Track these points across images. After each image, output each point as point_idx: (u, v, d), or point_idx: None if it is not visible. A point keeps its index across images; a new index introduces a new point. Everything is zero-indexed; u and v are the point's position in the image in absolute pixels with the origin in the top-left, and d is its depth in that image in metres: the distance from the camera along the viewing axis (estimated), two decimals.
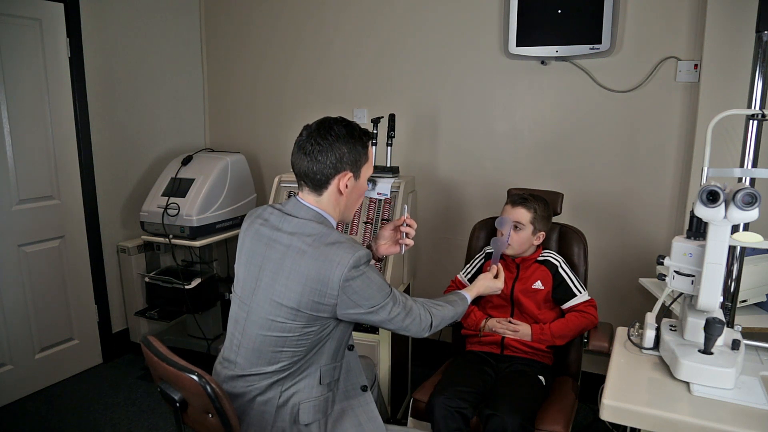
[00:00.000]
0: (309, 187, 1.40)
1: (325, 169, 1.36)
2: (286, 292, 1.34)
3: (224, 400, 1.25)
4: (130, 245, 2.98)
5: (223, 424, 1.26)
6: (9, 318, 2.57)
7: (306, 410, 1.40)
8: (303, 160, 1.37)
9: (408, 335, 1.49)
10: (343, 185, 1.39)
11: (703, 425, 1.14)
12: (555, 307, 2.02)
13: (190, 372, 1.25)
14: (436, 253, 2.97)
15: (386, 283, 1.41)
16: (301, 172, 1.39)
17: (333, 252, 1.32)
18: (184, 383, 1.29)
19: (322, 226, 1.37)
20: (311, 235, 1.35)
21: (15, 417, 2.52)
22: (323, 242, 1.33)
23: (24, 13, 2.50)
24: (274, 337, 1.37)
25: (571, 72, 2.55)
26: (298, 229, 1.37)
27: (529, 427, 1.64)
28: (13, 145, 2.51)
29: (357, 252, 1.32)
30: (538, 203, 2.00)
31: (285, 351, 1.37)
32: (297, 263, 1.33)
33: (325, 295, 1.32)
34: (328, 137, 1.36)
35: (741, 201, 1.23)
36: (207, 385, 1.23)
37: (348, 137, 1.37)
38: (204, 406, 1.27)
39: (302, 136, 1.39)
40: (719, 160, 2.02)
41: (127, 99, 3.02)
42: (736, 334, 1.40)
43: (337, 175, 1.38)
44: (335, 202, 1.41)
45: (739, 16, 2.10)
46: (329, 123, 1.38)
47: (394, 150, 2.49)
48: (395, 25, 2.88)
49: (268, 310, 1.37)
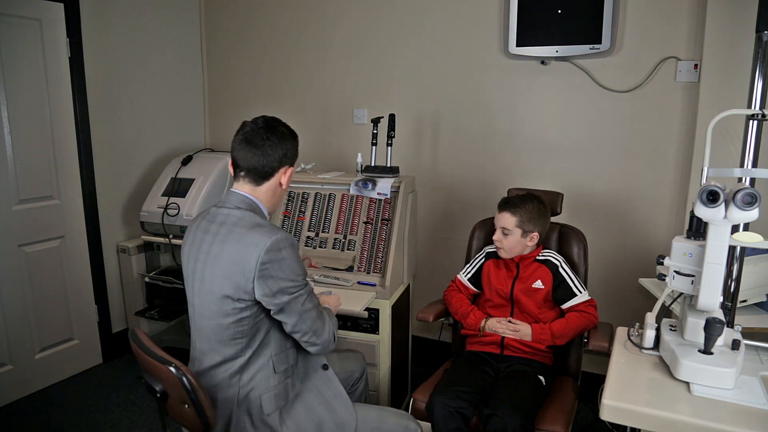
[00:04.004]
0: (250, 178, 1.48)
1: (273, 163, 1.47)
2: (214, 279, 1.42)
3: (200, 392, 1.31)
4: (130, 245, 2.98)
5: (198, 414, 1.32)
6: (9, 318, 2.57)
7: (267, 400, 1.46)
8: (251, 153, 1.45)
9: (315, 347, 1.47)
10: (284, 179, 1.51)
11: (703, 425, 1.14)
12: (555, 307, 2.02)
13: (168, 363, 1.32)
14: (436, 253, 2.97)
15: (305, 275, 1.46)
16: (247, 163, 1.47)
17: (251, 235, 1.39)
18: (162, 374, 1.35)
19: (248, 212, 1.45)
20: (235, 223, 1.43)
21: (15, 417, 2.52)
22: (244, 227, 1.41)
23: (24, 13, 2.50)
24: (215, 326, 1.44)
25: (571, 72, 2.55)
26: (226, 218, 1.46)
27: (529, 427, 1.64)
28: (13, 145, 2.51)
29: (275, 235, 1.38)
30: (526, 204, 1.96)
31: (228, 340, 1.44)
32: (221, 250, 1.41)
33: (246, 279, 1.37)
34: (275, 134, 1.47)
35: (741, 201, 1.23)
36: (183, 377, 1.30)
37: (290, 136, 1.51)
38: (181, 396, 1.33)
39: (247, 129, 1.47)
40: (719, 160, 2.01)
41: (127, 99, 3.02)
42: (736, 334, 1.40)
43: (281, 169, 1.49)
44: (272, 193, 1.52)
45: (739, 16, 2.10)
46: (275, 121, 1.50)
47: (394, 150, 2.49)
48: (395, 25, 2.88)
49: (205, 300, 1.45)
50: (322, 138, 3.16)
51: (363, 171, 2.46)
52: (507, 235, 1.97)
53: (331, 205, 2.42)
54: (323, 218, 2.41)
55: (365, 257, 2.29)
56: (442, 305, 2.18)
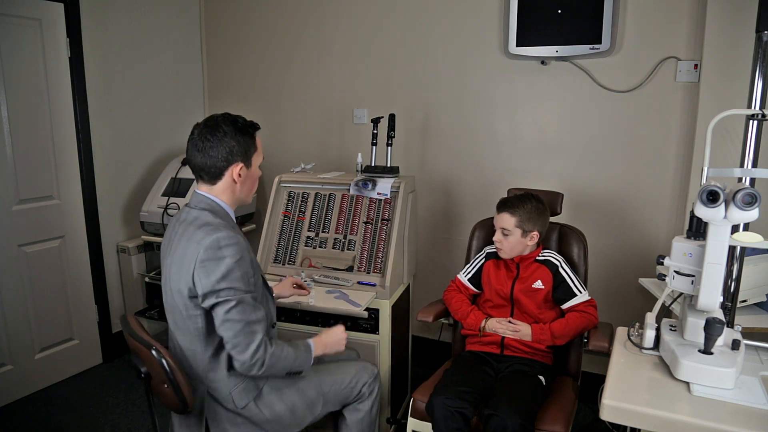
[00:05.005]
0: (203, 179, 1.52)
1: (218, 163, 1.48)
2: (172, 276, 1.48)
3: (177, 373, 1.42)
4: (130, 245, 2.98)
5: (176, 393, 1.43)
6: (9, 318, 2.57)
7: (238, 395, 1.53)
8: (196, 156, 1.48)
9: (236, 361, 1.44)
10: (236, 175, 1.51)
11: (703, 425, 1.14)
12: (555, 307, 2.02)
13: (150, 346, 1.43)
14: (436, 253, 2.97)
15: (246, 285, 1.43)
16: (196, 166, 1.50)
17: (198, 233, 1.42)
18: (145, 356, 1.46)
19: (207, 213, 1.48)
20: (191, 222, 1.47)
21: (15, 417, 2.52)
22: (195, 225, 1.45)
23: (24, 13, 2.50)
24: (177, 320, 1.50)
25: (571, 72, 2.55)
26: (186, 217, 1.50)
27: (529, 427, 1.64)
28: (13, 145, 2.51)
29: (217, 233, 1.40)
30: (525, 204, 1.96)
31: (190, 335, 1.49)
32: (177, 248, 1.47)
33: (189, 276, 1.41)
34: (216, 134, 1.47)
35: (741, 201, 1.23)
36: (162, 359, 1.41)
37: (234, 132, 1.49)
38: (161, 377, 1.43)
39: (194, 135, 1.49)
40: (719, 160, 2.02)
41: (127, 99, 3.02)
42: (736, 334, 1.40)
43: (230, 167, 1.50)
44: (231, 189, 1.53)
45: (739, 16, 2.10)
46: (215, 120, 1.49)
47: (394, 150, 2.49)
48: (395, 24, 2.88)
49: (168, 295, 1.52)
50: (322, 138, 3.16)
51: (363, 171, 2.46)
52: (507, 236, 1.97)
53: (331, 205, 2.42)
54: (323, 218, 2.41)
55: (365, 257, 2.29)
56: (442, 305, 2.18)
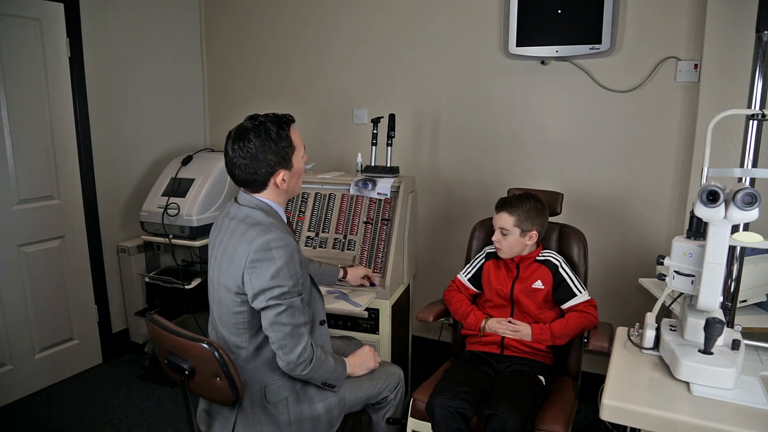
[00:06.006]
0: (249, 189, 1.53)
1: (259, 178, 1.48)
2: (221, 271, 1.49)
3: (230, 365, 1.42)
4: (130, 245, 2.98)
5: (230, 385, 1.43)
6: (9, 318, 2.57)
7: (271, 392, 1.54)
8: (235, 173, 1.49)
9: (281, 361, 1.46)
10: (280, 181, 1.50)
11: (703, 425, 1.14)
12: (555, 307, 2.02)
13: (200, 341, 1.41)
14: (436, 253, 2.97)
15: (296, 286, 1.44)
16: (237, 181, 1.51)
17: (250, 232, 1.43)
18: (194, 352, 1.43)
19: (258, 211, 1.48)
20: (242, 219, 1.48)
21: (15, 417, 2.52)
22: (247, 224, 1.45)
23: (24, 13, 2.50)
24: (222, 314, 1.51)
25: (571, 72, 2.55)
26: (236, 214, 1.51)
27: (529, 427, 1.64)
28: (13, 145, 2.51)
29: (268, 235, 1.40)
30: (523, 203, 1.96)
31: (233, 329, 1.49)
32: (228, 244, 1.48)
33: (239, 274, 1.42)
34: (249, 149, 1.44)
35: (741, 201, 1.23)
36: (215, 351, 1.40)
37: (267, 144, 1.45)
38: (213, 370, 1.42)
39: (228, 152, 1.48)
40: (719, 160, 2.02)
41: (127, 99, 3.02)
42: (736, 334, 1.40)
43: (272, 177, 1.49)
44: (276, 193, 1.53)
45: (739, 16, 2.10)
46: (245, 135, 1.45)
47: (394, 150, 2.49)
48: (395, 25, 2.88)
49: (215, 288, 1.53)
50: (322, 138, 3.16)
51: (363, 171, 2.46)
52: (506, 236, 1.97)
53: (331, 205, 2.42)
54: (323, 218, 2.41)
55: (365, 257, 2.29)
56: (442, 305, 2.18)
